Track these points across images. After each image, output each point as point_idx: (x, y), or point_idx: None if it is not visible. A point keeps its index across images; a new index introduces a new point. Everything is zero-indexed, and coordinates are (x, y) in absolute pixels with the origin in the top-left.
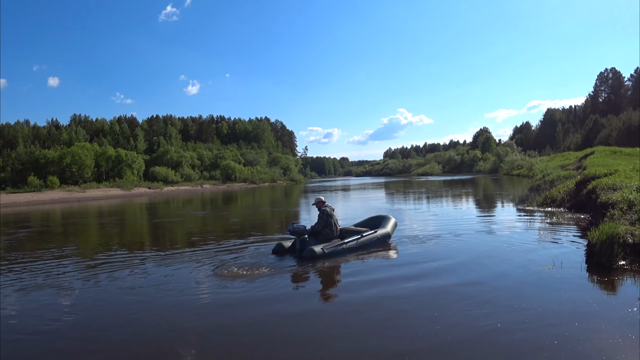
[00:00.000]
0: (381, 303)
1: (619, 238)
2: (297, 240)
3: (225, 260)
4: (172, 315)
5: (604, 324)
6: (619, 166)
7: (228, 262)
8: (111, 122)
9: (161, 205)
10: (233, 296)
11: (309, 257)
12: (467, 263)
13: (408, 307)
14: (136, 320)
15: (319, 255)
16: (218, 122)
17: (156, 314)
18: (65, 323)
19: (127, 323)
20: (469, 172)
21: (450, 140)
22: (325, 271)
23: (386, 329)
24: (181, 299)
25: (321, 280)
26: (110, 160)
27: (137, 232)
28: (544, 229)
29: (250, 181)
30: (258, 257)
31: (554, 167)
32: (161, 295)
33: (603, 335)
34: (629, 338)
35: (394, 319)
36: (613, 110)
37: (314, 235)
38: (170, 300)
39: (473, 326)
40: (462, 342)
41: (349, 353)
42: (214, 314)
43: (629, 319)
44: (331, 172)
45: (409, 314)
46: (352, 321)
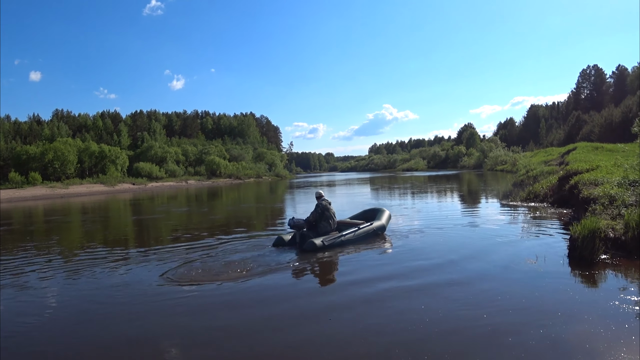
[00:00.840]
0: (367, 303)
1: (600, 232)
2: (297, 234)
3: (218, 256)
4: (159, 315)
5: (587, 315)
6: (601, 162)
7: (219, 259)
8: (94, 118)
9: (145, 202)
10: (231, 294)
11: (309, 249)
12: (452, 258)
13: (396, 305)
14: (123, 321)
15: (319, 248)
16: (203, 118)
17: (143, 314)
18: (35, 326)
19: (111, 325)
20: (454, 167)
21: (435, 136)
22: (320, 267)
23: (372, 330)
24: (172, 298)
25: (316, 277)
26: (94, 156)
27: (121, 229)
28: (527, 223)
29: (235, 177)
30: (256, 251)
31: (537, 162)
32: (146, 293)
33: (585, 326)
34: (611, 329)
35: (381, 320)
36: (595, 106)
37: (312, 228)
38: (158, 299)
39: (458, 320)
40: (447, 334)
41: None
42: (206, 313)
43: (611, 311)
44: (316, 168)
45: (397, 311)
46: (339, 323)
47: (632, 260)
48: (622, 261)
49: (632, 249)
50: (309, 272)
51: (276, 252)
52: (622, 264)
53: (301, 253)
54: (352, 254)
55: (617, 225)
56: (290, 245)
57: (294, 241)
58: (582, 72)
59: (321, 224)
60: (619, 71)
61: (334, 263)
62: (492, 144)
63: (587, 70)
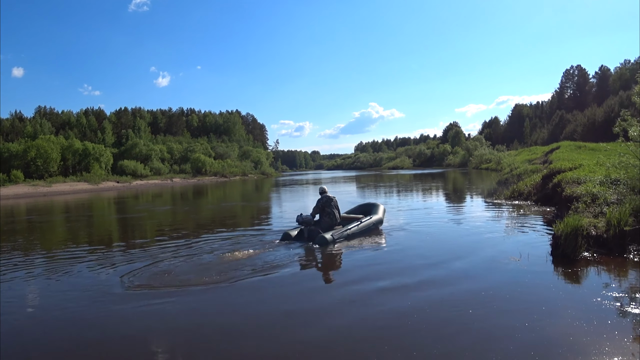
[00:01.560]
0: (351, 303)
1: (582, 230)
2: (305, 229)
3: (217, 254)
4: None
5: (570, 310)
6: (583, 160)
7: (195, 260)
8: (78, 115)
9: (130, 200)
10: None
11: (321, 244)
12: (437, 257)
13: (382, 304)
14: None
15: (330, 242)
16: (188, 115)
17: (138, 315)
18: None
19: (106, 326)
20: (439, 165)
21: (420, 134)
22: (325, 263)
23: (356, 328)
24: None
25: (301, 279)
26: (77, 153)
27: (104, 228)
28: (511, 222)
29: (221, 175)
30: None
31: (522, 161)
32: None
33: (568, 320)
34: (593, 324)
35: (367, 319)
36: (578, 106)
37: (318, 223)
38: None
39: (443, 317)
40: (433, 331)
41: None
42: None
43: (594, 306)
44: (302, 166)
45: (383, 310)
46: (326, 322)
47: (613, 258)
48: (603, 258)
49: (614, 246)
50: (297, 274)
51: (272, 251)
52: (603, 261)
53: (305, 249)
54: (344, 253)
55: (599, 223)
56: (297, 240)
57: (300, 236)
58: (566, 72)
59: (322, 219)
60: (602, 71)
61: (324, 264)
62: (477, 142)
63: (571, 71)
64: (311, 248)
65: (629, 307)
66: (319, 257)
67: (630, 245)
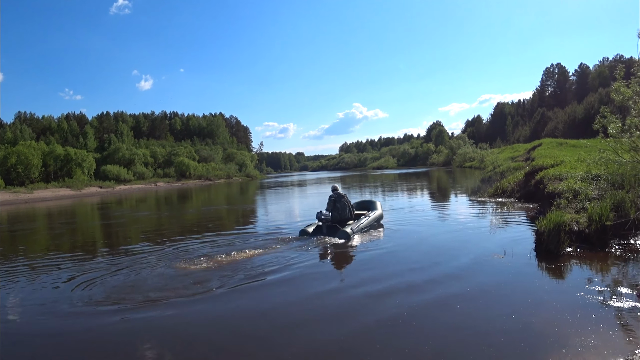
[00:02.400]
0: (329, 304)
1: (565, 226)
2: (324, 226)
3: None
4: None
5: (555, 303)
6: (565, 157)
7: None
8: (59, 120)
9: (114, 205)
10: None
11: (344, 238)
12: (422, 256)
13: (374, 307)
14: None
15: (350, 235)
16: (171, 119)
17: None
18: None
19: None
20: (423, 164)
21: (404, 134)
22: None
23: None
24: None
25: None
26: (59, 159)
27: (87, 235)
28: (495, 219)
29: (205, 178)
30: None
31: (504, 159)
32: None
33: (553, 312)
34: (577, 317)
35: (353, 320)
36: (559, 103)
37: (334, 219)
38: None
39: (432, 314)
40: (423, 326)
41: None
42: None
43: (578, 300)
44: (287, 168)
45: (371, 310)
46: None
47: (595, 252)
48: (586, 253)
49: (595, 241)
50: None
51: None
52: (586, 255)
53: (325, 242)
54: (334, 256)
55: (581, 219)
56: (314, 236)
57: (317, 232)
58: (546, 70)
59: (333, 214)
60: (581, 69)
61: (316, 270)
62: (460, 141)
63: (551, 69)
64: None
65: (611, 300)
66: (314, 259)
67: (612, 240)
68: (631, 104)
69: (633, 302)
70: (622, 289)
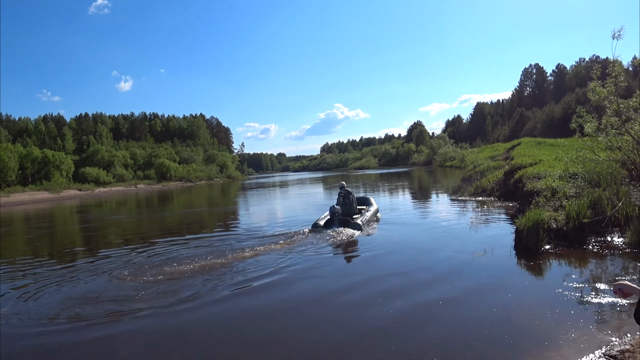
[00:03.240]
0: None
1: (543, 224)
2: (336, 218)
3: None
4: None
5: (535, 299)
6: (543, 156)
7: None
8: (36, 121)
9: (93, 208)
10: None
11: (357, 229)
12: (404, 254)
13: (352, 305)
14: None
15: (362, 226)
16: (151, 120)
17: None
18: None
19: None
20: (404, 164)
21: (385, 134)
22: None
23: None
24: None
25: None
26: (36, 161)
27: (64, 239)
28: (475, 217)
29: (186, 180)
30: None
31: (484, 158)
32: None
33: (532, 307)
34: (556, 312)
35: (335, 321)
36: (537, 103)
37: (343, 213)
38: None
39: (412, 309)
40: (410, 326)
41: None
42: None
43: (557, 296)
44: (269, 168)
45: (354, 312)
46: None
47: (573, 249)
48: (564, 250)
49: (573, 238)
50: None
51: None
52: (564, 253)
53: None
54: (323, 258)
55: (559, 217)
56: (327, 228)
57: (329, 224)
58: (525, 70)
59: (343, 209)
60: (559, 70)
61: (308, 274)
62: (441, 140)
63: (529, 69)
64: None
65: (589, 296)
66: (304, 264)
67: (589, 237)
68: (606, 103)
69: (610, 298)
70: (600, 285)
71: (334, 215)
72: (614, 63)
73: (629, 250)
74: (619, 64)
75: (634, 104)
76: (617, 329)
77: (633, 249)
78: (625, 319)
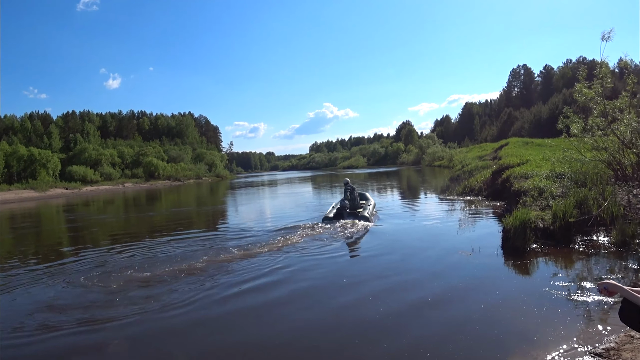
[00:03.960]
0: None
1: (530, 223)
2: (345, 212)
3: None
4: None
5: (523, 297)
6: (530, 156)
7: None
8: (22, 119)
9: (80, 207)
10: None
11: (367, 220)
12: (393, 253)
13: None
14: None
15: (369, 218)
16: (139, 118)
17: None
18: None
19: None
20: (393, 164)
21: (374, 134)
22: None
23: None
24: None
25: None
26: (22, 160)
27: (47, 239)
28: (463, 217)
29: (174, 178)
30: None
31: (472, 157)
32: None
33: (520, 305)
34: (543, 310)
35: (318, 320)
36: (525, 103)
37: (350, 207)
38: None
39: (402, 308)
40: (401, 323)
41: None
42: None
43: (544, 295)
44: (257, 167)
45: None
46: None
47: (560, 249)
48: (551, 249)
49: (560, 237)
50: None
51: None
52: (551, 252)
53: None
54: (319, 258)
55: (545, 216)
56: (337, 220)
57: (338, 217)
58: (513, 71)
59: (350, 203)
60: (546, 70)
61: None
62: (429, 140)
63: (517, 70)
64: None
65: (575, 294)
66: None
67: (576, 236)
68: (593, 104)
69: (595, 296)
70: (585, 284)
71: (344, 210)
72: (602, 64)
73: (614, 250)
74: (605, 66)
75: (620, 105)
76: (603, 327)
77: (618, 248)
78: (610, 317)
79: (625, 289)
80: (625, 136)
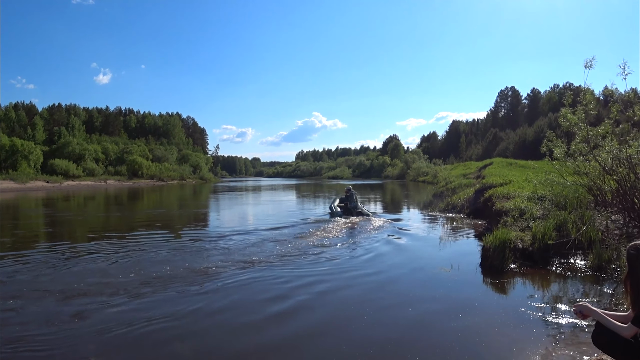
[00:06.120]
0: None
1: (510, 243)
2: (354, 211)
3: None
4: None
5: (498, 317)
6: (514, 177)
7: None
8: (6, 108)
9: (60, 202)
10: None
11: (368, 215)
12: (372, 268)
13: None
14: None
15: (369, 213)
16: (126, 115)
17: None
18: None
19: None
20: (378, 177)
21: (361, 145)
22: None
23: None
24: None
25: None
26: (4, 149)
27: (23, 232)
28: (444, 233)
29: (158, 178)
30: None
31: (457, 175)
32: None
33: (497, 325)
34: (518, 330)
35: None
36: (511, 125)
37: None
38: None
39: (373, 325)
40: (369, 338)
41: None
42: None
43: (520, 315)
44: (242, 172)
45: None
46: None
47: (537, 270)
48: (529, 270)
49: (538, 259)
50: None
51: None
52: (529, 272)
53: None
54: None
55: (525, 237)
56: (341, 216)
57: (347, 213)
58: (501, 92)
59: (354, 204)
60: (533, 94)
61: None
62: (415, 155)
63: (505, 91)
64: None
65: (550, 315)
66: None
67: (553, 258)
68: (576, 130)
69: (570, 318)
70: (561, 305)
71: (354, 209)
72: (585, 91)
73: (590, 273)
74: (589, 93)
75: (602, 132)
76: (576, 350)
77: (594, 272)
78: (583, 339)
79: (598, 313)
80: (606, 163)
